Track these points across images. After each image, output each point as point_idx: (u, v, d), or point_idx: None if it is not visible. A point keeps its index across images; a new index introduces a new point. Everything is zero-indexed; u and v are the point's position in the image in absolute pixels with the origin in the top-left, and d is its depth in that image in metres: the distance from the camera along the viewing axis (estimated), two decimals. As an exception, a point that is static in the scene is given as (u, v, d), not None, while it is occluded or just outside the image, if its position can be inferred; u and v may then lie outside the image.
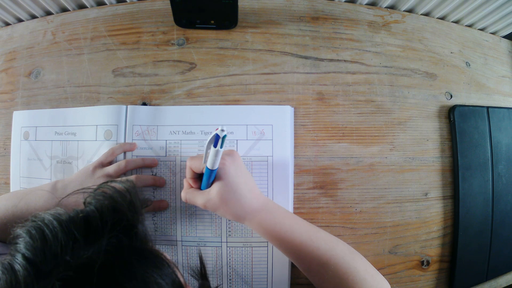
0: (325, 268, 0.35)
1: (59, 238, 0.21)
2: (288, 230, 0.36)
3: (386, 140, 0.47)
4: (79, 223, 0.22)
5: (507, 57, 0.56)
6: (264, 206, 0.37)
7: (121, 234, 0.23)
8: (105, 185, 0.26)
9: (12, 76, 0.51)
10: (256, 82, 0.47)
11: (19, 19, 0.53)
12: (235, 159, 0.36)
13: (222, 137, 0.30)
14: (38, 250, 0.20)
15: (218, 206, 0.35)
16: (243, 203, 0.35)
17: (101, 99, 0.47)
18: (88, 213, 0.23)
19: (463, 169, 0.47)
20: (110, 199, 0.24)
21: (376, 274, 0.36)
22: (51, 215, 0.22)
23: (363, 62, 0.48)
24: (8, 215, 0.36)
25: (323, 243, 0.36)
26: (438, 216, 0.47)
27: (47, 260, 0.20)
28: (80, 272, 0.20)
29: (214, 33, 0.48)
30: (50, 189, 0.39)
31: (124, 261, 0.22)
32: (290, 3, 0.49)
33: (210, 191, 0.35)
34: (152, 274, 0.22)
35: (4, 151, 0.49)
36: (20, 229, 0.22)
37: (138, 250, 0.23)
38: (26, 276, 0.19)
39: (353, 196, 0.46)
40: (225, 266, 0.43)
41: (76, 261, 0.21)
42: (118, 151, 0.42)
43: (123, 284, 0.21)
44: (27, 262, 0.20)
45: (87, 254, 0.21)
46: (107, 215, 0.23)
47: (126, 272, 0.21)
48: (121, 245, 0.22)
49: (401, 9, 0.52)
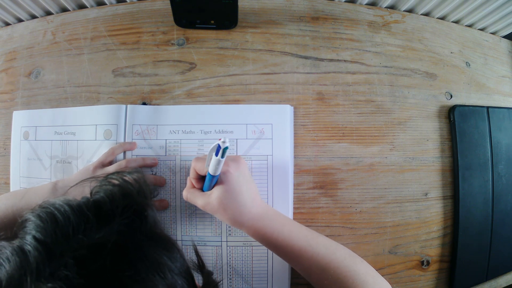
0: (326, 272, 0.34)
1: (71, 220, 0.21)
2: (286, 237, 0.36)
3: (386, 140, 0.47)
4: (90, 207, 0.22)
5: (507, 57, 0.56)
6: (263, 214, 0.37)
7: (132, 216, 0.23)
8: (113, 175, 0.26)
9: (12, 76, 0.51)
10: (256, 82, 0.47)
11: (19, 19, 0.53)
12: (239, 166, 0.36)
13: (223, 148, 0.30)
14: (49, 231, 0.20)
15: (217, 210, 0.35)
16: (242, 210, 0.35)
17: (101, 99, 0.47)
18: (98, 199, 0.23)
19: (463, 169, 0.47)
20: (119, 187, 0.24)
21: (378, 277, 0.36)
22: (61, 201, 0.22)
23: (363, 62, 0.48)
24: (8, 214, 0.36)
25: (323, 248, 0.35)
26: (438, 216, 0.47)
27: (59, 241, 0.20)
28: (94, 251, 0.20)
29: (214, 33, 0.48)
30: (51, 189, 0.39)
31: (136, 242, 0.22)
32: (290, 3, 0.49)
33: (211, 195, 0.35)
34: (163, 256, 0.22)
35: (4, 151, 0.49)
36: (29, 214, 0.21)
37: (149, 233, 0.24)
38: (37, 256, 0.19)
39: (353, 196, 0.46)
40: (225, 265, 0.43)
41: (90, 241, 0.21)
42: (118, 151, 0.42)
43: (136, 264, 0.21)
44: (38, 243, 0.20)
45: (99, 235, 0.21)
46: (117, 200, 0.23)
47: (138, 252, 0.22)
48: (133, 226, 0.23)
49: (401, 9, 0.52)
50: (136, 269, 0.21)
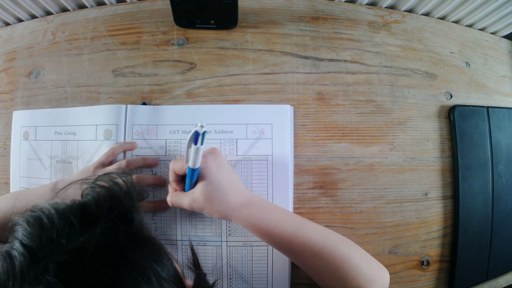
0: (320, 257, 0.34)
1: (56, 224, 0.21)
2: (276, 224, 0.35)
3: (386, 140, 0.47)
4: (75, 210, 0.22)
5: (507, 57, 0.56)
6: (250, 201, 0.36)
7: (117, 219, 0.23)
8: (102, 177, 0.26)
9: (12, 76, 0.51)
10: (256, 82, 0.47)
11: (19, 19, 0.53)
12: (216, 157, 0.36)
13: (202, 134, 0.29)
14: (35, 236, 0.21)
15: (203, 206, 0.35)
16: (228, 200, 0.35)
17: (101, 99, 0.47)
18: (85, 201, 0.23)
19: (463, 169, 0.47)
20: (107, 189, 0.25)
21: (372, 261, 0.36)
22: (49, 204, 0.22)
23: (363, 62, 0.48)
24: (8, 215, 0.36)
25: (315, 234, 0.35)
26: (438, 216, 0.47)
27: (44, 245, 0.20)
28: (75, 255, 0.20)
29: (214, 33, 0.48)
30: (51, 189, 0.39)
31: (119, 245, 0.22)
32: (290, 3, 0.49)
33: (194, 192, 0.35)
34: (148, 260, 0.22)
35: (4, 151, 0.49)
36: (19, 218, 0.22)
37: (133, 236, 0.23)
38: (22, 261, 0.19)
39: (353, 196, 0.46)
40: (225, 265, 0.43)
41: (72, 245, 0.21)
42: (118, 151, 0.42)
43: (118, 268, 0.21)
44: (24, 248, 0.20)
45: (82, 238, 0.21)
46: (102, 202, 0.23)
47: (121, 256, 0.21)
48: (116, 229, 0.23)
49: (401, 9, 0.52)
50: (118, 273, 0.20)
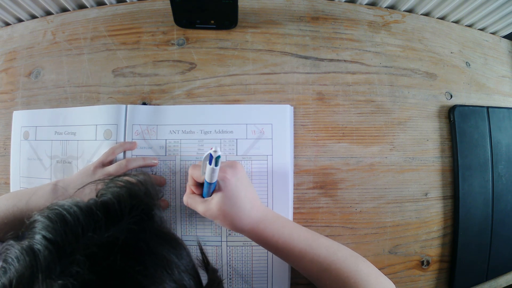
0: (327, 273, 0.35)
1: (80, 220, 0.21)
2: (287, 239, 0.36)
3: (386, 140, 0.47)
4: (99, 207, 0.23)
5: (507, 57, 0.56)
6: (263, 218, 0.37)
7: (140, 216, 0.24)
8: (118, 178, 0.27)
9: (12, 76, 0.51)
10: (256, 82, 0.47)
11: (19, 19, 0.53)
12: (237, 171, 0.36)
13: (215, 158, 0.31)
14: (59, 231, 0.21)
15: (216, 217, 0.35)
16: (242, 216, 0.35)
17: (101, 99, 0.47)
18: (106, 200, 0.24)
19: (463, 169, 0.47)
20: (126, 188, 0.25)
21: (380, 276, 0.36)
22: (70, 202, 0.22)
23: (363, 62, 0.48)
24: (8, 215, 0.36)
25: (324, 250, 0.36)
26: (438, 216, 0.47)
27: (69, 240, 0.21)
28: (104, 248, 0.21)
29: (214, 33, 0.48)
30: (51, 189, 0.39)
31: (145, 239, 0.23)
32: (290, 3, 0.49)
33: (210, 201, 0.35)
34: (170, 254, 0.23)
35: (4, 151, 0.49)
36: (38, 215, 0.22)
37: (156, 231, 0.24)
38: (47, 255, 0.20)
39: (353, 196, 0.46)
40: (225, 265, 0.43)
41: (100, 239, 0.21)
42: (118, 150, 0.42)
43: (144, 261, 0.21)
44: (48, 242, 0.20)
45: (108, 233, 0.22)
46: (124, 201, 0.24)
47: (147, 250, 0.22)
48: (142, 225, 0.23)
49: (401, 9, 0.52)
50: (145, 265, 0.21)
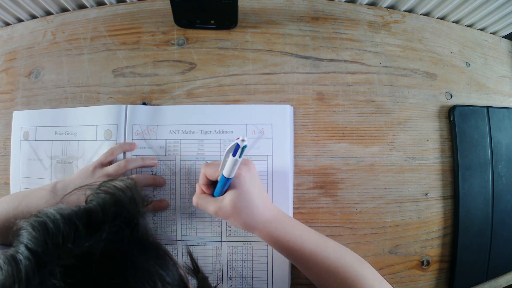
0: (334, 276, 0.35)
1: (61, 229, 0.21)
2: (298, 240, 0.36)
3: (386, 140, 0.47)
4: (81, 215, 0.22)
5: (507, 57, 0.56)
6: (275, 217, 0.37)
7: (122, 224, 0.23)
8: (106, 183, 0.26)
9: (12, 76, 0.51)
10: (256, 82, 0.47)
11: (19, 19, 0.53)
12: (250, 169, 0.36)
13: (242, 147, 0.30)
14: (40, 241, 0.21)
15: (230, 215, 0.35)
16: (255, 214, 0.35)
17: (101, 99, 0.47)
18: (90, 207, 0.23)
19: (463, 169, 0.47)
20: (111, 195, 0.25)
21: (383, 281, 0.37)
22: (54, 210, 0.22)
23: (363, 62, 0.48)
24: (9, 217, 0.36)
25: (332, 253, 0.36)
26: (438, 216, 0.47)
27: (49, 250, 0.20)
28: (81, 259, 0.20)
29: (214, 33, 0.48)
30: (51, 190, 0.39)
31: (125, 250, 0.22)
32: (290, 3, 0.49)
33: (224, 199, 0.35)
34: (154, 265, 0.22)
35: (4, 151, 0.49)
36: (24, 223, 0.22)
37: (139, 241, 0.24)
38: (27, 265, 0.19)
39: (353, 196, 0.46)
40: (225, 265, 0.43)
41: (78, 250, 0.21)
42: (117, 151, 0.42)
43: (124, 273, 0.21)
44: (29, 252, 0.20)
45: (88, 243, 0.21)
46: (108, 208, 0.23)
47: (127, 261, 0.22)
48: (122, 235, 0.23)
49: (401, 9, 0.52)
50: (124, 277, 0.20)
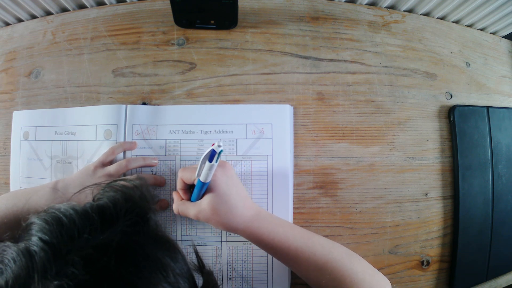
0: (323, 272, 0.35)
1: (76, 222, 0.22)
2: (282, 238, 0.35)
3: (386, 140, 0.47)
4: (96, 210, 0.23)
5: (507, 57, 0.56)
6: (256, 216, 0.36)
7: (135, 219, 0.24)
8: (114, 182, 0.27)
9: (12, 76, 0.51)
10: (256, 82, 0.47)
11: (19, 19, 0.53)
12: (226, 171, 0.36)
13: (218, 153, 0.30)
14: (54, 233, 0.21)
15: (210, 217, 0.35)
16: (235, 214, 0.35)
17: (101, 99, 0.47)
18: (102, 204, 0.24)
19: (463, 169, 0.47)
20: (122, 192, 0.25)
21: (376, 273, 0.36)
22: (66, 205, 0.23)
23: (363, 62, 0.48)
24: (8, 214, 0.36)
25: (319, 248, 0.35)
26: (438, 216, 0.47)
27: (64, 241, 0.21)
28: (99, 250, 0.21)
29: (214, 33, 0.48)
30: (51, 189, 0.39)
31: (139, 242, 0.23)
32: (290, 3, 0.49)
33: (202, 202, 0.35)
34: (165, 257, 0.23)
35: (4, 151, 0.49)
36: (34, 218, 0.22)
37: (151, 235, 0.25)
38: (43, 256, 0.20)
39: (353, 196, 0.46)
40: (225, 265, 0.43)
41: (95, 241, 0.22)
42: (118, 150, 0.42)
43: (139, 263, 0.22)
44: (44, 243, 0.21)
45: (104, 236, 0.22)
46: (120, 205, 0.24)
47: (142, 252, 0.23)
48: (137, 228, 0.24)
49: (401, 9, 0.52)
50: (139, 267, 0.21)
